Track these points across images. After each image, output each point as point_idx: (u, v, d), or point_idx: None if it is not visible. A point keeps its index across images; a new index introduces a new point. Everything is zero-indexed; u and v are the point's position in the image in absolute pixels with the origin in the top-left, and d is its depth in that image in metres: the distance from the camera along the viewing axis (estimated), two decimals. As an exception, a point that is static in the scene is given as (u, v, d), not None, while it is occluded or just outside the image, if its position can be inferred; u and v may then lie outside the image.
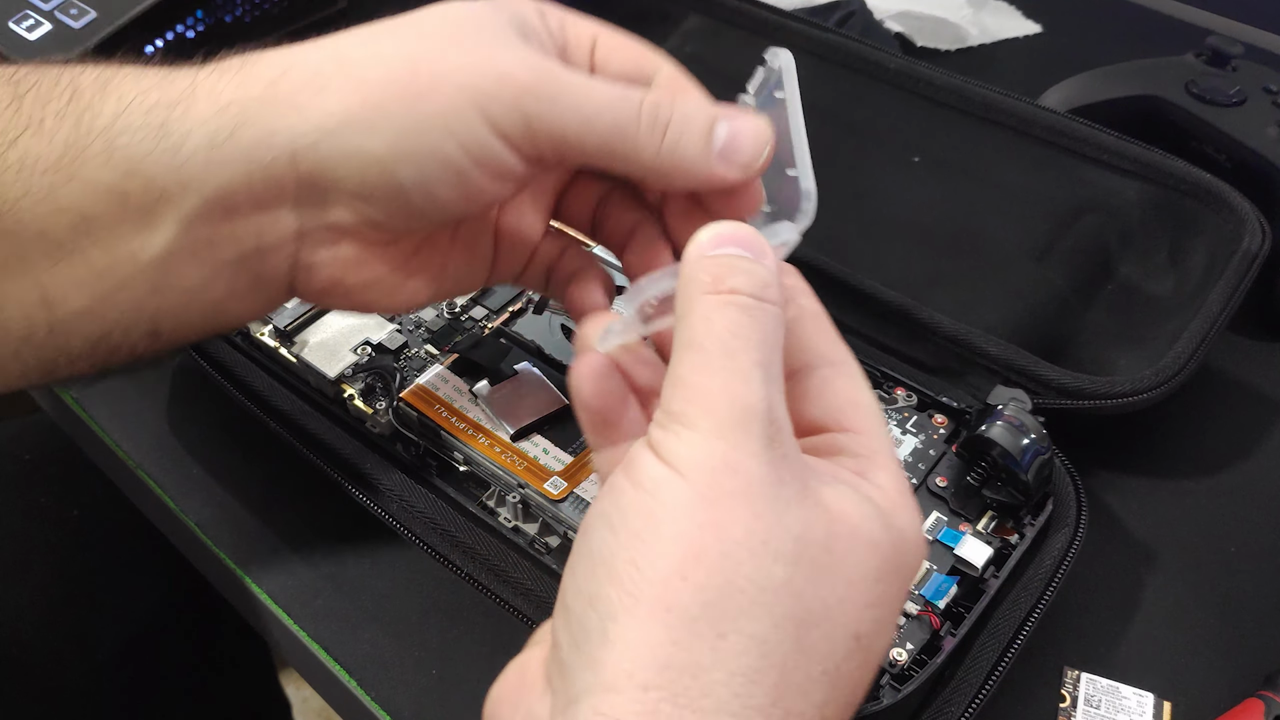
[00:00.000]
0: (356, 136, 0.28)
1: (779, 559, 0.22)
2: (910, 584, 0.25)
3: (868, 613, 0.23)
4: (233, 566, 0.39)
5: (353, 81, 0.28)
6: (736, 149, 0.29)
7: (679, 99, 0.29)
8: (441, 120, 0.28)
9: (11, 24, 0.58)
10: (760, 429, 0.23)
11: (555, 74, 0.28)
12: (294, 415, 0.40)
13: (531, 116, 0.28)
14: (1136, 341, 0.45)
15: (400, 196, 0.29)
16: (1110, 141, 0.51)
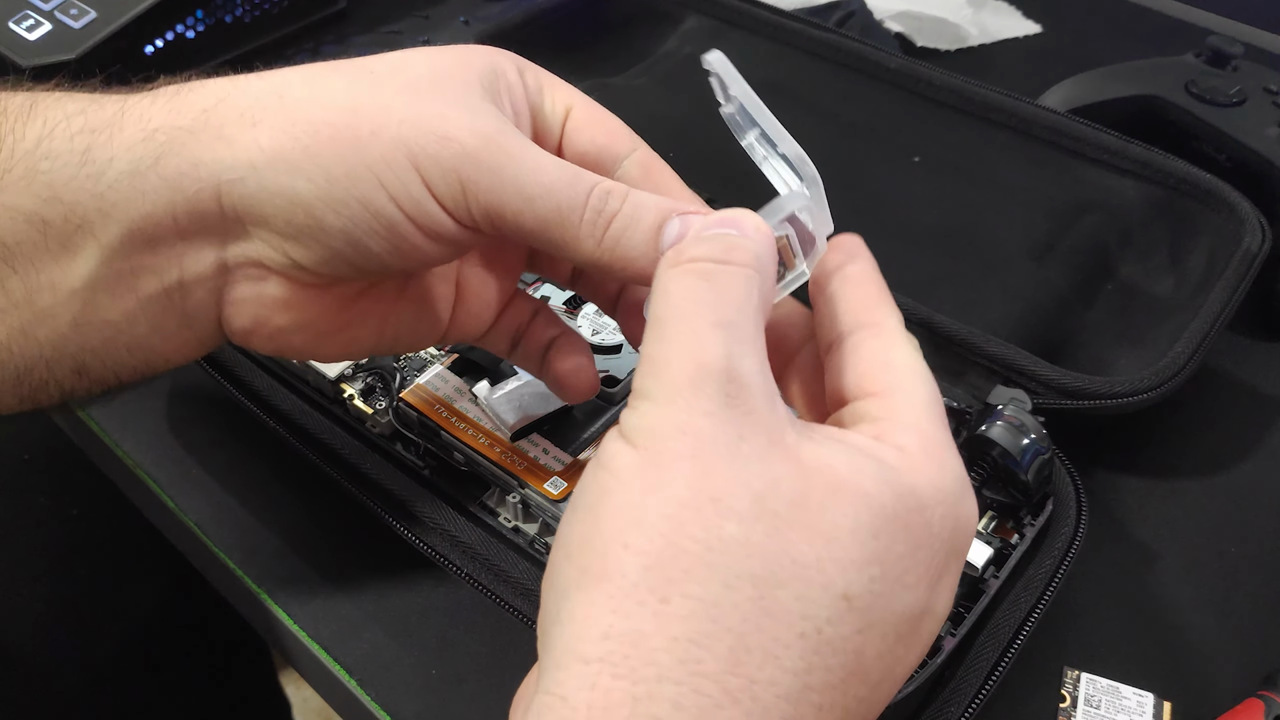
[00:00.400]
0: (284, 176, 0.27)
1: (731, 516, 0.21)
2: (949, 549, 0.23)
3: (861, 571, 0.21)
4: (233, 567, 0.39)
5: (288, 119, 0.27)
6: None
7: (635, 192, 0.28)
8: (374, 172, 0.27)
9: (11, 24, 0.58)
10: (716, 387, 0.22)
11: (503, 145, 0.27)
12: (294, 415, 0.40)
13: (468, 184, 0.27)
14: (1136, 341, 0.45)
15: (327, 243, 0.28)
16: (1110, 141, 0.51)
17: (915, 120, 0.55)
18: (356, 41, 0.67)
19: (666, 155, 0.52)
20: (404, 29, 0.69)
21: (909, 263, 0.47)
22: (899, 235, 0.49)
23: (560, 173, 0.27)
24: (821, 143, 0.54)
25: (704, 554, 0.21)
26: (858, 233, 0.49)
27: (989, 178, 0.52)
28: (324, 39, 0.66)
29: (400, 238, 0.27)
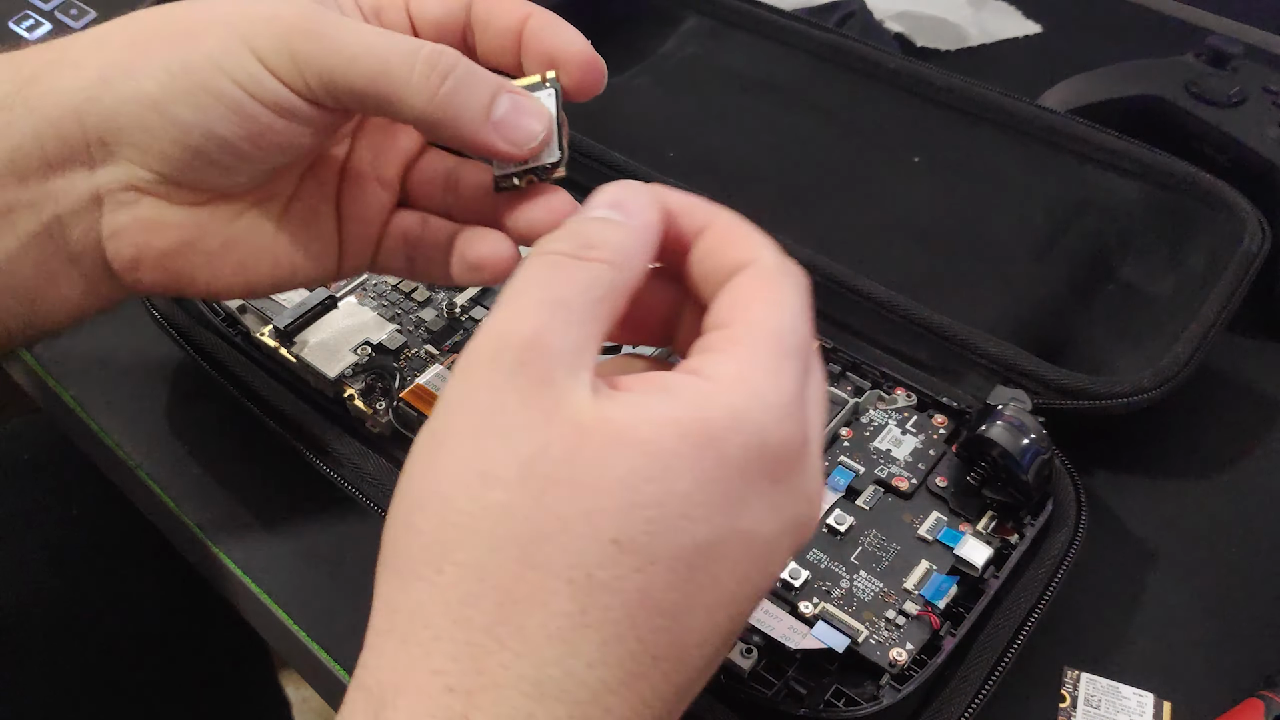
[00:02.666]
0: (130, 81, 0.28)
1: (496, 485, 0.22)
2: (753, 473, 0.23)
3: (630, 515, 0.22)
4: (232, 566, 0.39)
5: (129, 36, 0.29)
6: (514, 125, 0.29)
7: (464, 60, 0.29)
8: (211, 59, 0.28)
9: (12, 24, 0.58)
10: (510, 356, 0.23)
11: (323, 15, 0.28)
12: (294, 415, 0.40)
13: (297, 54, 0.28)
14: (1136, 341, 0.45)
15: (184, 141, 0.29)
16: (1110, 141, 0.51)
17: (915, 120, 0.55)
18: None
19: (666, 155, 0.53)
20: (404, 29, 0.69)
21: (909, 263, 0.47)
22: (899, 235, 0.49)
23: (385, 35, 0.28)
24: (821, 143, 0.54)
25: (471, 524, 0.22)
26: (857, 232, 0.49)
27: (989, 178, 0.52)
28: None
29: (250, 118, 0.28)
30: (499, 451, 0.22)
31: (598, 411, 0.23)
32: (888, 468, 0.38)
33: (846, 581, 0.35)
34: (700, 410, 0.23)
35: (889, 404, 0.41)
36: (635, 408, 0.23)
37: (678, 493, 0.22)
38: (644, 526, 0.22)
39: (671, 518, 0.22)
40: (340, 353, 0.42)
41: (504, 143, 0.29)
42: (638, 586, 0.22)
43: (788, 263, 0.27)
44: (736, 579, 0.23)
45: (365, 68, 0.28)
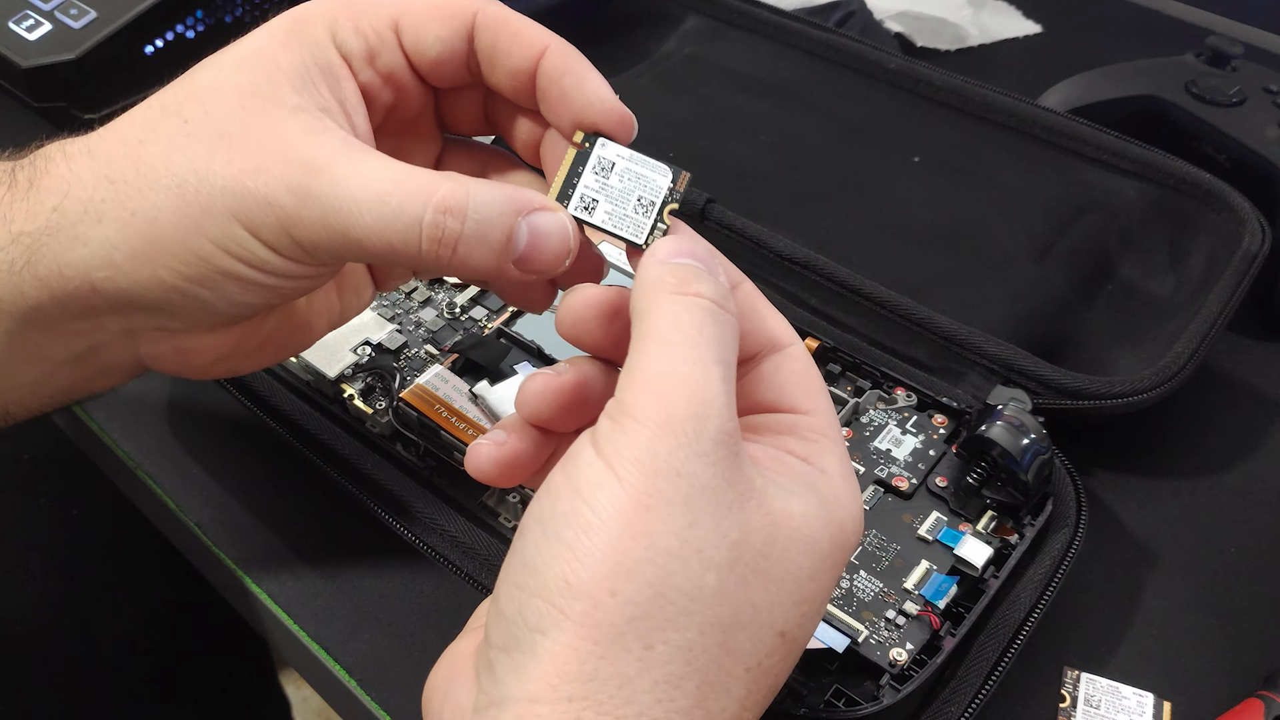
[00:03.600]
0: (144, 269, 0.28)
1: (711, 567, 0.22)
2: (843, 567, 0.26)
3: (795, 610, 0.24)
4: (233, 566, 0.39)
5: (127, 211, 0.28)
6: (538, 255, 0.28)
7: (475, 199, 0.27)
8: (219, 245, 0.27)
9: (12, 24, 0.58)
10: (715, 425, 0.23)
11: (319, 194, 0.27)
12: (294, 415, 0.40)
13: (302, 240, 0.27)
14: (1136, 341, 0.45)
15: (207, 307, 0.29)
16: (1110, 141, 0.51)
17: (915, 120, 0.55)
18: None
19: (666, 155, 0.53)
20: (404, 29, 0.69)
21: (909, 263, 0.47)
22: (899, 235, 0.49)
23: (384, 207, 0.26)
24: (821, 143, 0.54)
25: (687, 604, 0.22)
26: (857, 233, 0.49)
27: (989, 178, 0.52)
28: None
29: (265, 288, 0.29)
30: (713, 531, 0.22)
31: (779, 502, 0.24)
32: (888, 468, 0.39)
33: (846, 581, 0.35)
34: (836, 512, 0.25)
35: (889, 404, 0.41)
36: (803, 503, 0.25)
37: (821, 592, 0.25)
38: (800, 621, 0.24)
39: (813, 614, 0.25)
40: (340, 353, 0.42)
41: (533, 275, 0.28)
42: (779, 674, 0.24)
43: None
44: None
45: (373, 247, 0.27)
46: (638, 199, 0.28)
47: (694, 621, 0.22)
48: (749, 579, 0.23)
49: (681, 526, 0.22)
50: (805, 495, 0.25)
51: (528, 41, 0.29)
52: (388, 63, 0.30)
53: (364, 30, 0.30)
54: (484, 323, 0.43)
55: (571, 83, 0.29)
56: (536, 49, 0.29)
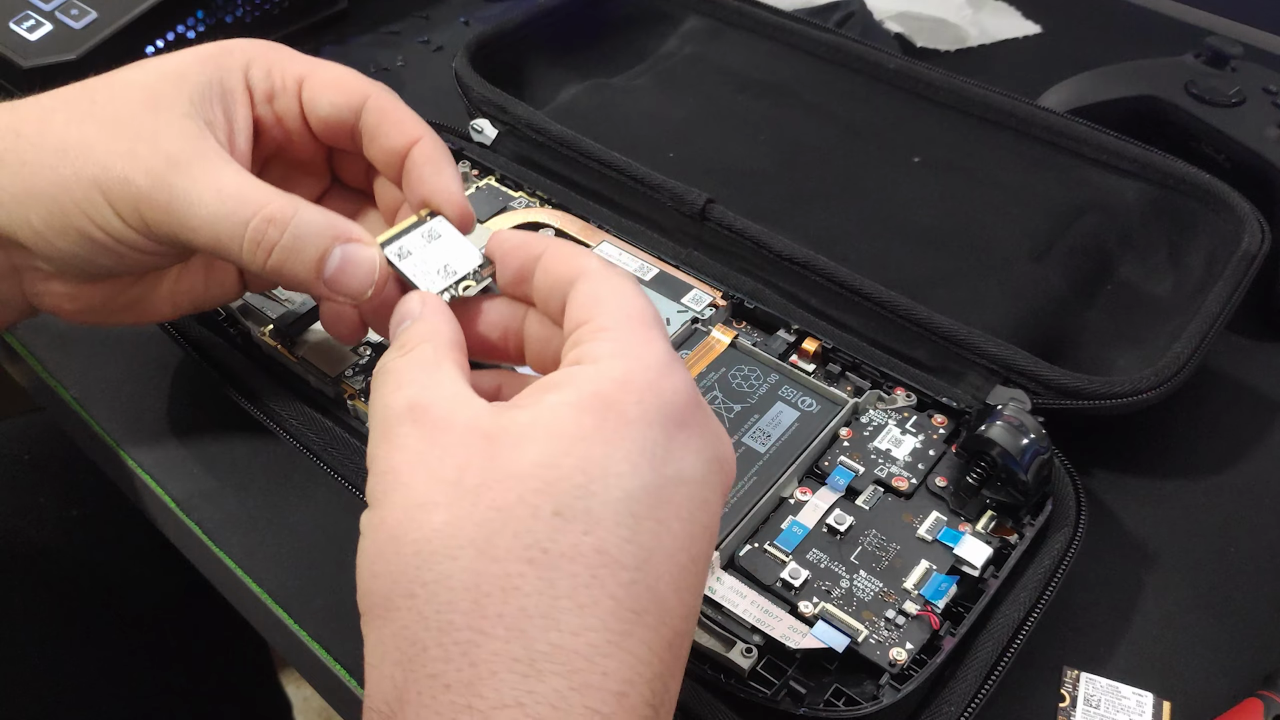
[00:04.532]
0: (20, 211, 0.33)
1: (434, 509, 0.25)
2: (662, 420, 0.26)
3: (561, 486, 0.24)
4: (233, 566, 0.39)
5: (19, 160, 0.32)
6: (345, 278, 0.32)
7: (300, 217, 0.32)
8: (80, 207, 0.32)
9: (12, 24, 0.58)
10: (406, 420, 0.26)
11: (173, 183, 0.32)
12: (294, 415, 0.40)
13: (146, 217, 0.32)
14: (1136, 341, 0.45)
15: (67, 260, 0.33)
16: (1110, 142, 0.51)
17: (915, 120, 0.55)
18: (357, 41, 0.67)
19: (666, 155, 0.53)
20: (404, 29, 0.69)
21: (909, 263, 0.47)
22: (899, 235, 0.49)
23: (220, 206, 0.32)
24: (821, 143, 0.54)
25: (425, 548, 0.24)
26: (857, 233, 0.49)
27: (989, 178, 0.52)
28: (324, 39, 0.67)
29: (117, 254, 0.33)
30: (428, 483, 0.25)
31: (498, 420, 0.26)
32: (887, 467, 0.39)
33: (846, 581, 0.35)
34: (591, 385, 0.26)
35: (889, 404, 0.41)
36: (532, 406, 0.26)
37: (595, 457, 0.25)
38: (576, 493, 0.24)
39: (598, 480, 0.24)
40: (340, 353, 0.42)
41: (337, 298, 0.33)
42: (593, 547, 0.24)
43: (612, 264, 0.30)
44: (682, 519, 0.25)
45: (204, 239, 0.32)
46: (444, 265, 0.33)
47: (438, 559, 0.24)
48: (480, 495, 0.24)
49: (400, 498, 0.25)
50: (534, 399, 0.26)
51: (405, 131, 0.35)
52: (284, 107, 0.36)
53: (273, 74, 0.36)
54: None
55: (431, 172, 0.34)
56: (410, 139, 0.35)
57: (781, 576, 0.35)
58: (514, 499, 0.24)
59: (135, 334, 0.46)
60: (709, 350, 0.42)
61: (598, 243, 0.47)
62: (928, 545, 0.36)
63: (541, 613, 0.23)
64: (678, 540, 0.25)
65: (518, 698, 0.22)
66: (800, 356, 0.43)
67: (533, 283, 0.31)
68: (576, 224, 0.48)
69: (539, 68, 0.60)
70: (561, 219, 0.48)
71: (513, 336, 0.33)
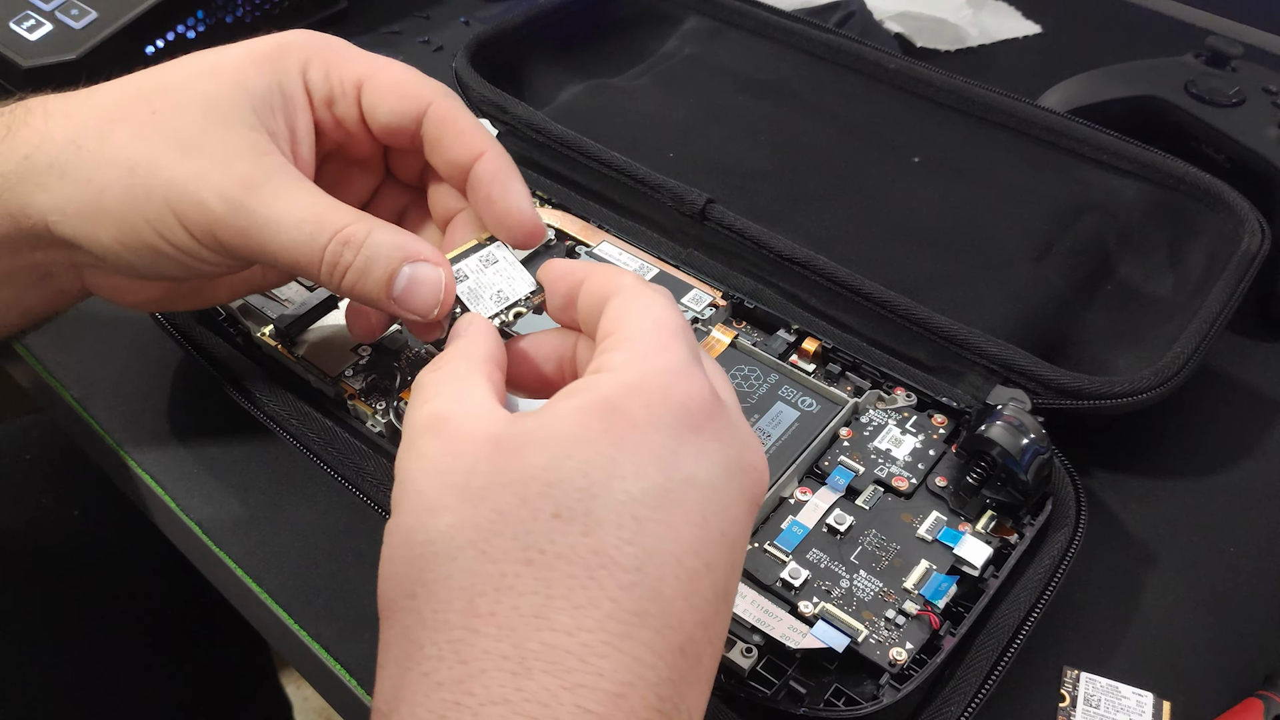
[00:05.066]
0: (88, 226, 0.32)
1: (442, 511, 0.25)
2: (672, 423, 0.26)
3: (563, 488, 0.24)
4: (233, 566, 0.39)
5: (84, 177, 0.32)
6: (412, 297, 0.33)
7: (372, 238, 0.32)
8: (152, 225, 0.32)
9: (13, 24, 0.58)
10: (430, 433, 0.27)
11: (249, 208, 0.31)
12: (294, 415, 0.40)
13: (222, 240, 0.32)
14: (1136, 341, 0.45)
15: (135, 269, 0.34)
16: (1110, 142, 0.51)
17: (915, 120, 0.55)
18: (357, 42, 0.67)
19: (666, 155, 0.53)
20: (404, 29, 0.69)
21: (909, 263, 0.47)
22: (899, 235, 0.49)
23: (298, 231, 0.32)
24: (821, 143, 0.54)
25: (429, 549, 0.25)
26: (857, 233, 0.49)
27: (989, 178, 0.52)
28: (324, 39, 0.66)
29: (186, 266, 0.33)
30: (439, 489, 0.25)
31: (510, 427, 0.26)
32: (887, 467, 0.39)
33: (846, 581, 0.35)
34: (601, 390, 0.26)
35: (889, 404, 0.41)
36: (543, 413, 0.26)
37: (598, 460, 0.25)
38: (577, 496, 0.24)
39: (600, 483, 0.24)
40: (340, 353, 0.42)
41: (407, 313, 0.33)
42: (591, 548, 0.24)
43: (648, 282, 0.30)
44: (693, 523, 0.25)
45: (282, 262, 0.32)
46: (499, 290, 0.34)
47: (440, 560, 0.24)
48: (484, 497, 0.25)
49: (413, 502, 0.26)
50: (546, 406, 0.26)
51: (469, 143, 0.35)
52: (343, 112, 0.35)
53: (331, 77, 0.35)
54: (484, 323, 0.43)
55: (500, 192, 0.34)
56: (475, 152, 0.35)
57: (781, 576, 0.35)
58: (516, 501, 0.24)
59: (135, 334, 0.46)
60: (709, 350, 0.42)
61: (598, 243, 0.47)
62: (928, 545, 0.36)
63: (534, 612, 0.23)
64: (685, 544, 0.25)
65: (505, 695, 0.22)
66: (800, 356, 0.43)
67: (577, 306, 0.31)
68: (576, 224, 0.48)
69: (539, 68, 0.60)
70: (561, 219, 0.48)
71: (567, 365, 0.33)
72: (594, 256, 0.46)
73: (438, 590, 0.24)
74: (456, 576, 0.24)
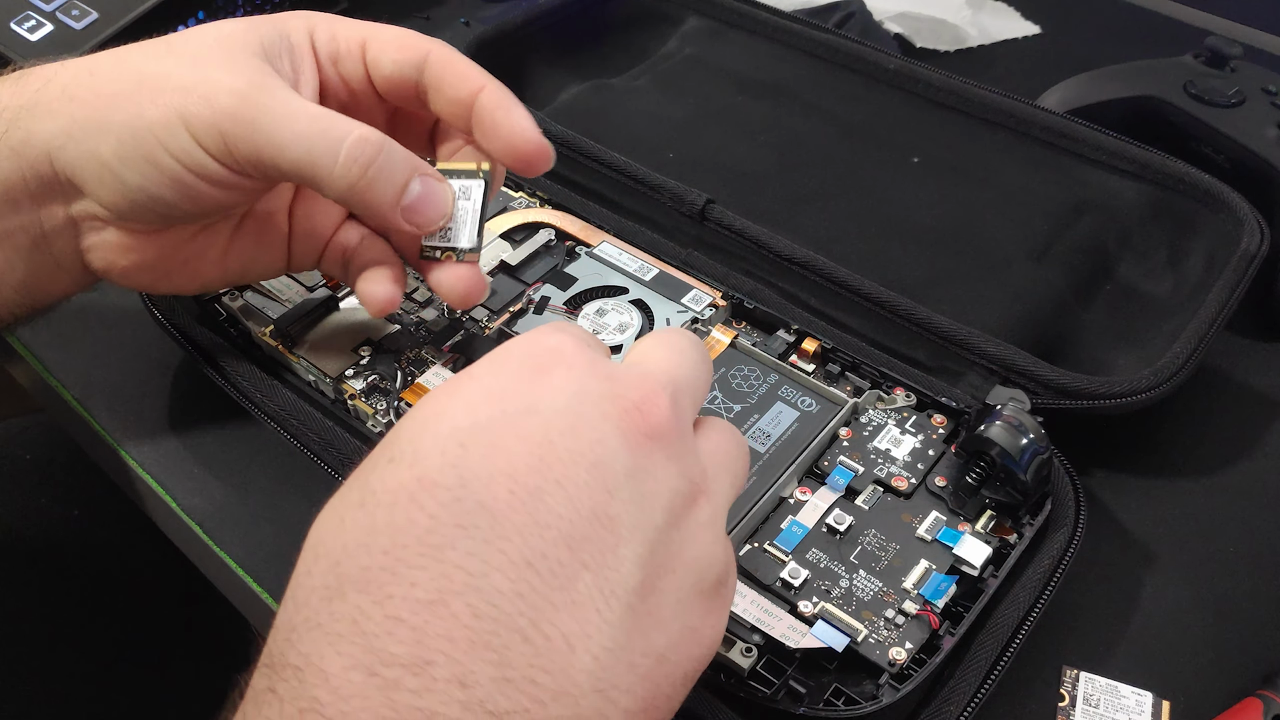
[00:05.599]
0: (90, 141, 0.32)
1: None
2: (523, 361, 0.26)
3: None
4: (234, 566, 0.39)
5: (94, 93, 0.32)
6: (419, 210, 0.34)
7: (390, 143, 0.33)
8: (154, 133, 0.32)
9: (13, 25, 0.58)
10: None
11: (258, 101, 0.32)
12: (295, 415, 0.40)
13: (228, 136, 0.32)
14: (1135, 342, 0.45)
15: (131, 197, 0.33)
16: (1109, 142, 0.51)
17: (915, 120, 0.55)
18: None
19: (666, 155, 0.53)
20: (404, 30, 0.69)
21: (909, 263, 0.47)
22: (899, 235, 0.49)
23: (312, 123, 0.32)
24: (821, 143, 0.54)
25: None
26: (857, 233, 0.49)
27: (988, 178, 0.52)
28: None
29: (185, 185, 0.33)
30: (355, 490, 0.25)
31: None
32: (887, 467, 0.39)
33: (846, 581, 0.35)
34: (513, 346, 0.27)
35: (888, 404, 0.41)
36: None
37: (433, 407, 0.25)
38: (408, 439, 0.25)
39: (430, 423, 0.25)
40: (341, 353, 0.42)
41: (409, 225, 0.34)
42: (413, 477, 0.23)
43: None
44: (529, 441, 0.24)
45: (292, 156, 0.32)
46: (447, 230, 0.36)
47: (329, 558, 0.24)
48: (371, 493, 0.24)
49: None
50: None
51: (470, 81, 0.36)
52: (349, 70, 0.36)
53: (337, 39, 0.36)
54: (484, 323, 0.44)
55: (502, 116, 0.35)
56: (475, 87, 0.35)
57: (781, 576, 0.35)
58: (366, 464, 0.25)
59: (135, 334, 0.46)
60: (709, 350, 0.43)
61: (598, 243, 0.47)
62: (927, 545, 0.36)
63: (359, 543, 0.23)
64: (520, 460, 0.23)
65: (319, 621, 0.22)
66: (800, 356, 0.43)
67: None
68: (576, 224, 0.48)
69: (539, 68, 0.60)
70: (561, 219, 0.48)
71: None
72: (594, 257, 0.46)
73: (309, 544, 0.24)
74: (311, 539, 0.24)
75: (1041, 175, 0.52)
